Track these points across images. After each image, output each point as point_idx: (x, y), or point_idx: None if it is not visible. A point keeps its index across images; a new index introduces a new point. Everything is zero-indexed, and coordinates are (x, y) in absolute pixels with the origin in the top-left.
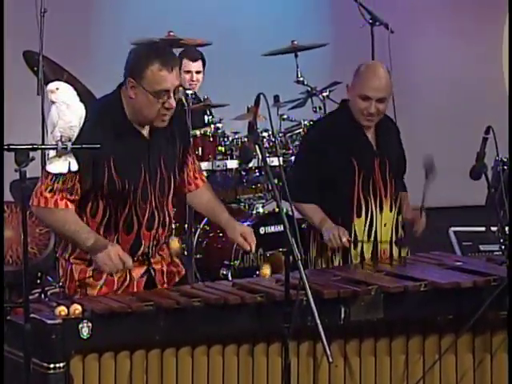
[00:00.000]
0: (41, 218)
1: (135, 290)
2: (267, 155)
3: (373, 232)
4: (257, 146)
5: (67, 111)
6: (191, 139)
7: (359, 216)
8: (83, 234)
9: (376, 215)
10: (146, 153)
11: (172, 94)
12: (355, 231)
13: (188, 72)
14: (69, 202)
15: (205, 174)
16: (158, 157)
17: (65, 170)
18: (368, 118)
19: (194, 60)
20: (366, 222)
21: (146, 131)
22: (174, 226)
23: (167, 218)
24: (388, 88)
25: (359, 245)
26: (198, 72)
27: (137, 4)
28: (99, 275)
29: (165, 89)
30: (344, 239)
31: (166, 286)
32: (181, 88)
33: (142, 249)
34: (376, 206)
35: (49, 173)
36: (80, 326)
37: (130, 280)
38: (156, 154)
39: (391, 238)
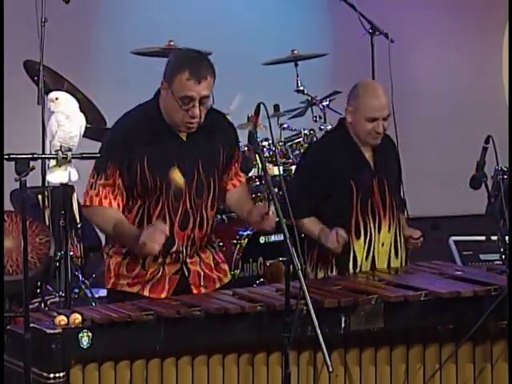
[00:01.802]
0: (89, 217)
1: (166, 285)
2: (267, 164)
3: (370, 254)
4: (257, 155)
5: (66, 121)
6: (237, 141)
7: (358, 238)
8: (126, 230)
9: (374, 236)
10: (180, 153)
11: (197, 103)
12: (355, 253)
13: None
14: (113, 201)
15: None
16: (196, 159)
17: (65, 180)
18: (376, 137)
19: None
20: (365, 244)
21: (183, 133)
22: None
23: (205, 220)
24: (389, 104)
25: (358, 265)
26: None
27: (137, 13)
28: (133, 267)
29: (189, 96)
30: (343, 234)
31: (202, 289)
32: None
33: (175, 247)
34: (375, 227)
35: (93, 171)
36: (80, 335)
37: (162, 275)
38: (193, 156)
39: (389, 257)
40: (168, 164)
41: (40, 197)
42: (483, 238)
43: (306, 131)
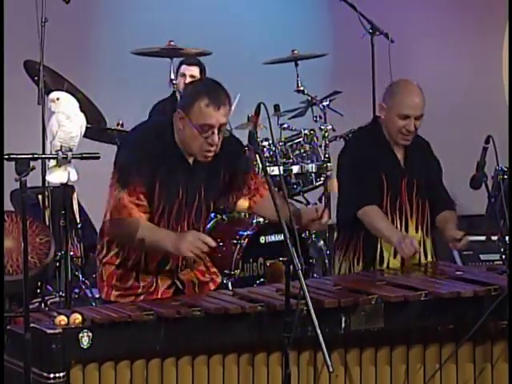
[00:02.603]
0: (114, 231)
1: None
2: (267, 164)
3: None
4: (257, 155)
5: (67, 121)
6: (245, 161)
7: None
8: (158, 232)
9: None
10: (187, 178)
11: (216, 131)
12: (382, 250)
13: (183, 75)
14: (141, 213)
15: None
16: (199, 184)
17: (64, 180)
18: (406, 137)
19: (190, 64)
20: None
21: (191, 158)
22: None
23: None
24: (424, 105)
25: (385, 261)
26: (192, 76)
27: (137, 13)
28: (126, 279)
29: (209, 124)
30: (412, 250)
31: None
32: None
33: (168, 266)
34: (401, 226)
35: (115, 187)
36: (80, 335)
37: (155, 288)
38: (197, 181)
39: (419, 260)
40: (174, 187)
41: (40, 197)
42: (483, 238)
43: (306, 131)
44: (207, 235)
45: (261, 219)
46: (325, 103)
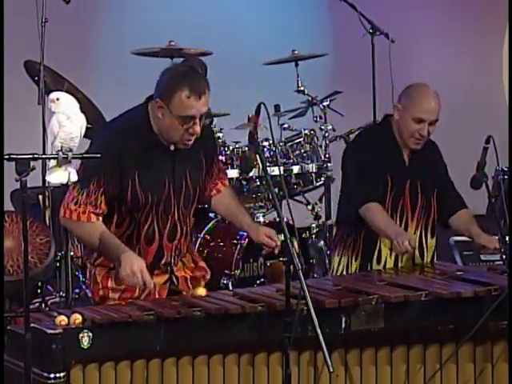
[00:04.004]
0: (67, 228)
1: (156, 296)
2: (268, 165)
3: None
4: (257, 156)
5: (68, 122)
6: (215, 146)
7: None
8: (111, 245)
9: None
10: (170, 166)
11: (198, 121)
12: (380, 248)
13: None
14: (93, 215)
15: None
16: (184, 170)
17: (65, 181)
18: (418, 141)
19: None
20: (391, 242)
21: (171, 145)
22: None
23: (189, 229)
24: (439, 111)
25: (383, 259)
26: None
27: (137, 13)
28: (120, 281)
29: (190, 115)
30: (409, 247)
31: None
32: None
33: (164, 259)
34: (401, 226)
35: (75, 184)
36: (80, 335)
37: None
38: (181, 168)
39: (413, 258)
40: (159, 178)
41: (40, 197)
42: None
43: (306, 131)
44: (207, 235)
45: (261, 219)
46: (325, 103)
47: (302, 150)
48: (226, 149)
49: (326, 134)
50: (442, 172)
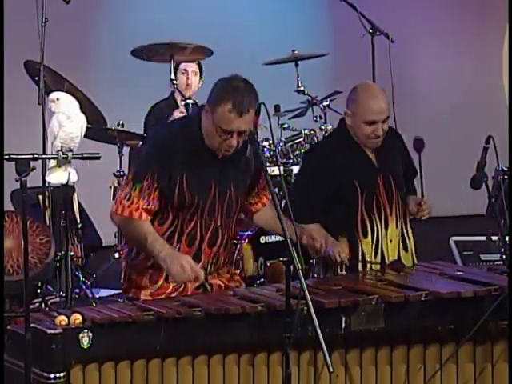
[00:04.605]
0: (117, 224)
1: None
2: (268, 165)
3: (379, 250)
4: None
5: (68, 122)
6: (263, 165)
7: (366, 236)
8: (157, 245)
9: (381, 233)
10: (217, 172)
11: (235, 136)
12: (363, 252)
13: (184, 72)
14: (144, 213)
15: None
16: (229, 178)
17: (64, 181)
18: (375, 141)
19: (190, 61)
20: (372, 241)
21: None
22: None
23: (230, 240)
24: (388, 106)
25: (368, 265)
26: (194, 72)
27: (137, 13)
28: (156, 279)
29: (228, 129)
30: (343, 255)
31: None
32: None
33: (201, 263)
34: (381, 224)
35: (129, 180)
36: (80, 335)
37: (184, 289)
38: (227, 175)
39: (398, 252)
40: (206, 182)
41: (40, 197)
42: (484, 238)
43: (306, 131)
44: None
45: None
46: (325, 103)
47: (302, 150)
48: None
49: (326, 134)
50: (405, 158)
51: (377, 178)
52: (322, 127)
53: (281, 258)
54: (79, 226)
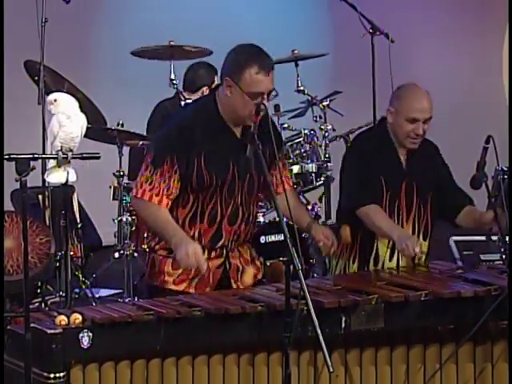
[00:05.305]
0: (136, 208)
1: (210, 280)
2: None
3: (395, 255)
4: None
5: (68, 122)
6: (280, 141)
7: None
8: (170, 231)
9: None
10: (236, 151)
11: (266, 96)
12: (377, 249)
13: None
14: (164, 199)
15: None
16: (249, 157)
17: (63, 181)
18: (414, 141)
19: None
20: (388, 244)
21: (238, 131)
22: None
23: (251, 217)
24: (432, 107)
25: (380, 262)
26: None
27: (137, 13)
28: (177, 264)
29: (260, 91)
30: (417, 250)
31: (239, 284)
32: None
33: (222, 241)
34: None
35: (148, 165)
36: (80, 335)
37: (207, 269)
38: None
39: (413, 263)
40: (224, 161)
41: (40, 197)
42: (484, 238)
43: (306, 131)
44: None
45: (261, 219)
46: (325, 103)
47: (302, 150)
48: None
49: (326, 134)
50: (442, 174)
51: (401, 183)
52: (322, 127)
53: (281, 258)
54: (79, 225)
